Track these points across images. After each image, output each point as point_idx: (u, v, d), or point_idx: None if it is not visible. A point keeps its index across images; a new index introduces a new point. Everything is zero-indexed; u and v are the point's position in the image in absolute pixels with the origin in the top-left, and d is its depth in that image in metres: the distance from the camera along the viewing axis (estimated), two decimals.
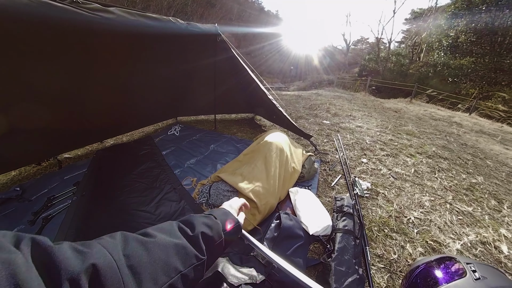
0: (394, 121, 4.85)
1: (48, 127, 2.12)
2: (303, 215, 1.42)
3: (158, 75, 2.69)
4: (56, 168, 2.43)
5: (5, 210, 1.81)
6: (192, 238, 0.50)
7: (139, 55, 2.22)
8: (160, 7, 14.27)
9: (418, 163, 2.82)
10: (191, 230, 0.52)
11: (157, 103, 3.22)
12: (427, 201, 2.09)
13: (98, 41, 1.75)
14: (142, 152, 2.64)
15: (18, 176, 2.35)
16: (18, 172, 2.38)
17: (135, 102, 2.86)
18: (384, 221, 1.78)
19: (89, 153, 2.82)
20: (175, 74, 2.87)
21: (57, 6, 1.23)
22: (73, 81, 1.96)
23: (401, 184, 2.31)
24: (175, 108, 3.73)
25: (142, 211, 1.69)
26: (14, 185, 2.12)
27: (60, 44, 1.57)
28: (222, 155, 2.63)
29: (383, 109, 6.43)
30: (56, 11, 1.22)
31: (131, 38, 1.90)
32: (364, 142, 3.34)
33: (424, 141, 3.67)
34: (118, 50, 1.98)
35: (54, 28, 1.37)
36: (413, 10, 22.81)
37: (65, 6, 1.26)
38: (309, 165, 2.03)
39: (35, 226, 1.64)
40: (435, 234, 1.72)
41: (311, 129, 3.84)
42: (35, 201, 1.89)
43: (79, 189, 1.79)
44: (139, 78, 2.53)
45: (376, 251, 1.50)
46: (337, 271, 1.06)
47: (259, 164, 1.67)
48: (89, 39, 1.65)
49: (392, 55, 18.94)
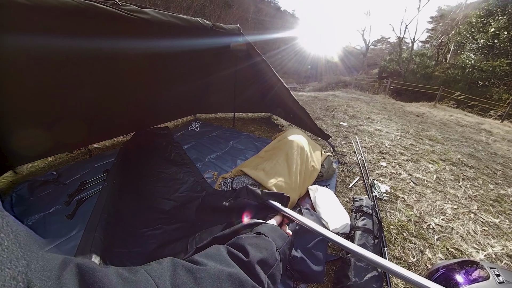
0: (416, 126, 4.68)
1: (81, 120, 2.31)
2: (323, 212, 1.46)
3: (181, 74, 2.81)
4: (87, 157, 2.63)
5: (43, 191, 2.01)
6: (246, 265, 0.44)
7: (165, 54, 2.34)
8: (180, 9, 14.67)
9: (441, 170, 2.72)
10: (244, 254, 0.46)
11: (178, 101, 3.36)
12: (449, 208, 2.03)
13: (134, 44, 1.87)
14: (164, 143, 2.78)
15: (53, 162, 2.57)
16: (53, 158, 2.60)
17: (158, 99, 3.01)
18: (403, 224, 1.76)
19: (115, 144, 3.01)
20: (197, 74, 2.99)
21: (101, 8, 1.36)
22: (108, 81, 2.11)
23: (421, 190, 2.26)
24: (195, 106, 3.88)
25: (167, 200, 1.80)
26: (51, 170, 2.33)
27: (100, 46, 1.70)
28: (241, 152, 2.73)
29: (404, 113, 6.19)
30: (100, 13, 1.34)
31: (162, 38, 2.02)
32: (383, 145, 3.27)
33: (448, 148, 3.51)
34: (148, 51, 2.11)
35: (97, 29, 1.50)
36: (440, 8, 21.52)
37: (108, 8, 1.38)
38: (328, 165, 2.05)
39: (70, 206, 1.80)
40: (457, 242, 1.68)
41: (329, 130, 3.82)
42: (69, 185, 2.07)
43: (110, 177, 1.93)
44: (162, 77, 2.66)
45: (394, 253, 1.50)
46: (357, 266, 1.09)
47: (280, 160, 1.73)
48: (125, 40, 1.78)
49: (416, 55, 17.82)
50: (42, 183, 2.08)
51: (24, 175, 2.32)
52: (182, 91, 3.20)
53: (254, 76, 3.06)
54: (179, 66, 2.64)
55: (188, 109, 3.93)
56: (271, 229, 0.59)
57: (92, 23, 1.45)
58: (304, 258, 1.01)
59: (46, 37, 1.35)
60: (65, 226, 1.59)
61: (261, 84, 3.19)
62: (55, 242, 1.46)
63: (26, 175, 2.30)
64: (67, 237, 1.50)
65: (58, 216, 1.69)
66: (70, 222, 1.64)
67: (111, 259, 1.17)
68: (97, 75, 1.97)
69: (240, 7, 20.82)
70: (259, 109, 4.28)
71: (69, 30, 1.43)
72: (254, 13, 24.11)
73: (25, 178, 2.24)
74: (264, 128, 3.72)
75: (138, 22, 1.51)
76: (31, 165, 2.48)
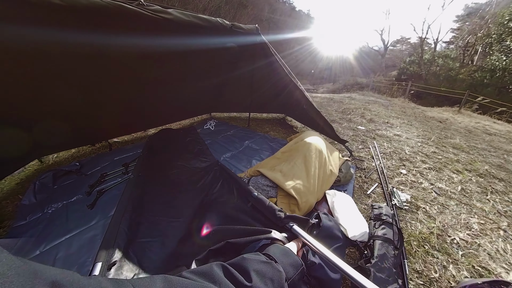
0: (439, 132, 4.43)
1: (103, 115, 2.41)
2: (341, 218, 1.41)
3: (198, 73, 2.84)
4: (107, 150, 2.74)
5: (66, 180, 2.12)
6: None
7: (184, 54, 2.36)
8: (196, 10, 14.93)
9: (466, 180, 2.55)
10: (246, 279, 0.40)
11: (194, 100, 3.41)
12: (475, 223, 1.89)
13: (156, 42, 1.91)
14: (188, 139, 2.84)
15: (76, 153, 2.70)
16: (76, 150, 2.74)
17: (175, 98, 3.07)
18: (425, 237, 1.67)
19: (134, 139, 3.12)
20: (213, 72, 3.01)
21: (128, 8, 1.39)
22: (131, 79, 2.17)
23: (445, 201, 2.13)
24: (210, 105, 3.93)
25: (192, 190, 1.81)
26: (74, 161, 2.45)
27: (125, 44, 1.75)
28: (256, 152, 2.72)
29: (425, 118, 5.89)
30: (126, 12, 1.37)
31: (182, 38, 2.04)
32: (403, 152, 3.12)
33: (474, 157, 3.29)
34: (168, 50, 2.14)
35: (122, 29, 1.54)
36: (467, 5, 20.02)
37: (133, 8, 1.42)
38: (345, 169, 1.99)
39: (90, 196, 1.88)
40: (484, 260, 1.57)
41: (345, 134, 3.71)
42: (90, 176, 2.17)
43: (136, 169, 1.99)
44: (180, 76, 2.70)
45: (415, 266, 1.42)
46: (377, 277, 1.04)
47: (298, 162, 1.70)
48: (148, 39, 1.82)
49: (439, 57, 16.78)
50: (65, 173, 2.20)
51: (50, 164, 2.45)
52: (198, 89, 3.25)
53: (269, 76, 3.03)
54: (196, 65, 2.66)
55: (204, 108, 3.98)
56: (284, 253, 0.52)
57: (117, 21, 1.49)
58: (322, 265, 0.98)
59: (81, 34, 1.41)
60: (85, 216, 1.66)
61: (276, 85, 3.16)
62: (76, 230, 1.52)
63: (51, 165, 2.43)
64: (88, 226, 1.56)
65: (79, 205, 1.78)
66: (90, 212, 1.71)
67: (135, 249, 1.20)
68: (121, 73, 2.04)
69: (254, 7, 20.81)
70: (273, 109, 4.25)
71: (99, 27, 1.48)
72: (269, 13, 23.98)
73: (49, 167, 2.37)
74: (278, 129, 3.69)
75: (160, 22, 1.54)
76: (56, 155, 2.62)
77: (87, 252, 1.36)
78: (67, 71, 1.67)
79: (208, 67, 2.74)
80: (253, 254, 0.49)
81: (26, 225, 1.58)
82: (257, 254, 0.49)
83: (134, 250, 1.18)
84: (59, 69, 1.61)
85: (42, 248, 1.39)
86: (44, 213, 1.69)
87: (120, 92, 2.27)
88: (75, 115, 2.17)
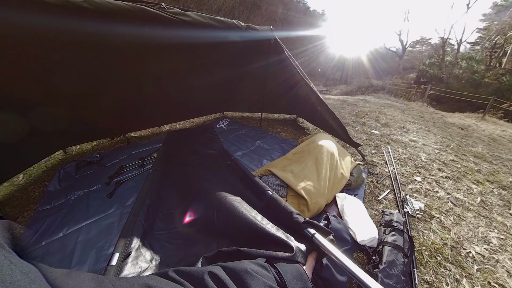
0: (459, 140, 4.22)
1: (121, 111, 2.53)
2: (351, 221, 1.41)
3: (212, 72, 2.90)
4: (125, 144, 2.88)
5: (88, 171, 2.25)
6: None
7: (200, 54, 2.42)
8: (211, 11, 15.11)
9: (487, 192, 2.43)
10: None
11: (207, 99, 3.49)
12: (495, 238, 1.80)
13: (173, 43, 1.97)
14: (205, 137, 2.93)
15: (97, 146, 2.86)
16: (97, 143, 2.90)
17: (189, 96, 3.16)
18: (438, 247, 1.62)
19: (149, 134, 3.25)
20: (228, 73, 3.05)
21: (150, 11, 1.47)
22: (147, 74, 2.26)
23: (461, 212, 2.04)
24: (223, 104, 3.99)
25: (207, 181, 1.84)
26: (95, 152, 2.60)
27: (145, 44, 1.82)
28: (267, 152, 2.74)
29: (445, 124, 5.62)
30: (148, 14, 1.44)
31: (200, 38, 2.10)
32: (418, 158, 3.02)
33: (497, 168, 3.11)
34: (185, 50, 2.21)
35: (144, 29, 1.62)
36: (496, 3, 18.32)
37: (155, 11, 1.49)
38: (357, 173, 1.96)
39: (109, 186, 2.00)
40: (502, 276, 1.49)
41: (358, 137, 3.64)
42: (110, 167, 2.29)
43: (155, 165, 2.07)
44: (195, 75, 2.77)
45: (425, 277, 1.39)
46: (385, 283, 1.04)
47: (309, 164, 1.71)
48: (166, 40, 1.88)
49: (462, 59, 15.62)
50: (87, 164, 2.34)
51: (73, 155, 2.62)
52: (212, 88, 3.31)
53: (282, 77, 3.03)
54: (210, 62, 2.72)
55: (217, 107, 4.06)
56: (298, 276, 0.44)
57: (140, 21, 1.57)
58: (329, 266, 0.99)
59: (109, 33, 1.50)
60: (104, 204, 1.77)
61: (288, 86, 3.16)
62: (95, 217, 1.63)
63: (74, 156, 2.60)
64: (106, 214, 1.67)
65: (99, 194, 1.89)
66: (109, 201, 1.82)
67: (151, 241, 1.27)
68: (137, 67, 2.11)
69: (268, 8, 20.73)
70: (285, 110, 4.25)
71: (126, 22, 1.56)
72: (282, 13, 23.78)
73: (73, 158, 2.53)
74: (290, 130, 3.69)
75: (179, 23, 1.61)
76: (78, 147, 2.79)
77: (105, 237, 1.45)
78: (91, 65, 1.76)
79: (222, 66, 2.77)
80: (261, 267, 0.44)
81: (51, 209, 1.72)
82: (264, 267, 0.44)
83: (150, 241, 1.25)
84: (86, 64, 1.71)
85: (65, 231, 1.50)
86: (67, 199, 1.82)
87: (138, 90, 2.37)
88: (96, 111, 2.30)
